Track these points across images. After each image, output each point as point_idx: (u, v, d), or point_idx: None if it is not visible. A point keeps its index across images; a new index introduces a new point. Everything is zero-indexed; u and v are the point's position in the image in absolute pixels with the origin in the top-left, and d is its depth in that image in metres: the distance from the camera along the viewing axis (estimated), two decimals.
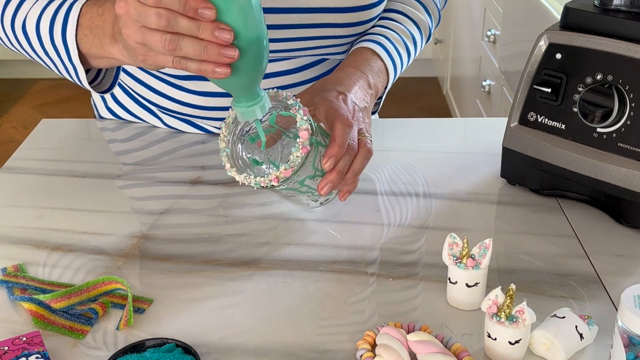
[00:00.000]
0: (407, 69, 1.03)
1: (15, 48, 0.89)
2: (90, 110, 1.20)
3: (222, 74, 0.67)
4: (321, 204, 0.84)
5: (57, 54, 0.84)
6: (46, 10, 0.83)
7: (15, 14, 0.85)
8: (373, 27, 0.99)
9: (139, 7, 0.66)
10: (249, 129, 0.80)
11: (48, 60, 0.86)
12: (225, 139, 0.78)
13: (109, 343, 0.68)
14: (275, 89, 0.78)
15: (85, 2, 0.81)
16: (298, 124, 0.75)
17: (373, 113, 1.12)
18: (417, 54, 1.02)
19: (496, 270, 0.77)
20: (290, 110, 0.76)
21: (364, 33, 0.98)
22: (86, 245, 0.82)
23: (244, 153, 0.80)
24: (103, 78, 0.91)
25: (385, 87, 0.96)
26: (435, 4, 1.06)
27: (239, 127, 0.79)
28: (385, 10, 1.01)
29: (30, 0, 0.85)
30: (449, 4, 3.14)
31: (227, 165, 0.77)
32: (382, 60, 0.93)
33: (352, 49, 0.96)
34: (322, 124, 0.81)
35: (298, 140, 0.74)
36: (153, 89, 1.04)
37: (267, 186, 0.75)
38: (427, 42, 1.05)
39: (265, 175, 0.74)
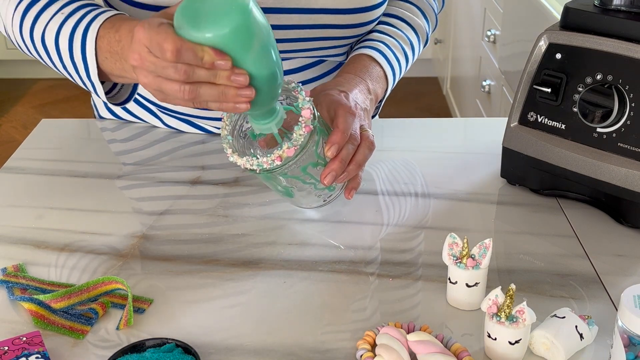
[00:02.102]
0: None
1: (34, 56, 0.90)
2: (90, 110, 1.20)
3: (242, 110, 0.69)
4: (324, 201, 0.84)
5: (75, 71, 0.84)
6: (64, 26, 0.83)
7: (34, 26, 0.85)
8: (371, 32, 0.98)
9: (155, 61, 0.67)
10: (250, 125, 0.80)
11: (65, 72, 0.86)
12: (227, 127, 0.78)
13: (109, 343, 0.68)
14: None
15: (101, 24, 0.81)
16: (300, 104, 0.75)
17: (372, 117, 1.12)
18: (415, 59, 1.02)
19: (496, 270, 0.77)
20: (292, 92, 0.76)
21: (363, 38, 0.98)
22: (86, 245, 0.82)
23: (245, 149, 0.80)
24: (120, 89, 0.91)
25: (385, 93, 0.96)
26: (433, 9, 1.06)
27: (240, 121, 0.80)
28: (383, 15, 1.01)
29: (48, 13, 0.84)
30: (449, 4, 3.14)
31: (229, 151, 0.77)
32: (380, 66, 0.93)
33: (351, 55, 0.96)
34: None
35: (300, 119, 0.74)
36: None
37: (270, 168, 0.74)
38: (424, 46, 1.05)
39: (268, 156, 0.74)
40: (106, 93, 0.88)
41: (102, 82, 0.86)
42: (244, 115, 0.80)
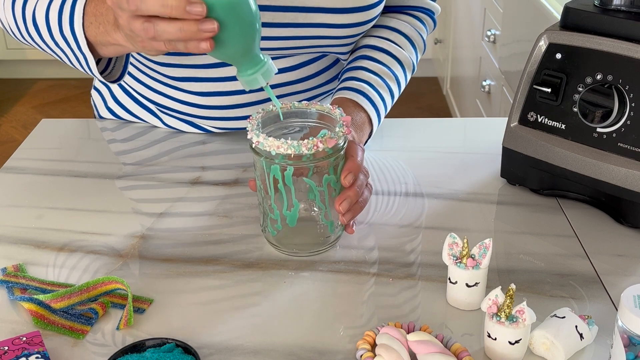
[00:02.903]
0: None
1: (26, 40, 0.90)
2: (90, 110, 1.20)
3: (206, 49, 0.65)
4: (321, 240, 0.81)
5: (66, 44, 0.84)
6: (54, 0, 0.83)
7: (25, 5, 0.86)
8: (358, 70, 0.97)
9: None
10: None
11: (59, 50, 0.87)
12: (256, 121, 0.77)
13: (109, 343, 0.68)
14: (303, 101, 0.80)
15: None
16: (339, 114, 0.77)
17: None
18: (400, 92, 1.01)
19: (496, 270, 0.77)
20: (330, 111, 0.78)
21: (349, 76, 0.97)
22: (86, 245, 0.82)
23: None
24: (113, 68, 0.92)
25: (369, 135, 0.96)
26: (421, 35, 1.05)
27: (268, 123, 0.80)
28: (370, 48, 1.00)
29: None
30: (450, 4, 3.14)
31: (262, 136, 0.72)
32: (365, 111, 0.93)
33: (335, 96, 0.95)
34: None
35: (342, 122, 0.76)
36: (152, 89, 1.04)
37: (308, 152, 0.72)
38: (412, 73, 1.04)
39: (309, 139, 0.72)
40: (101, 73, 0.88)
41: (97, 62, 0.86)
42: (273, 118, 0.79)
